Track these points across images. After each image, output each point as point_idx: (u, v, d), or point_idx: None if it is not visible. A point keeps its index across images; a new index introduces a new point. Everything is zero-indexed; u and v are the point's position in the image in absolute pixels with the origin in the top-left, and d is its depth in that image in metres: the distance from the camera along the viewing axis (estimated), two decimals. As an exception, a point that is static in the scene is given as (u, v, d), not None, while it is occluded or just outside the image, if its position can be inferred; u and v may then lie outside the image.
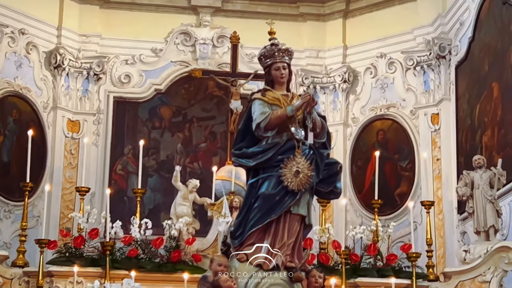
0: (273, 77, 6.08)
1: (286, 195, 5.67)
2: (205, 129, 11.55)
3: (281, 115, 5.79)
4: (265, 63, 6.18)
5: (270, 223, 5.65)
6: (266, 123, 5.78)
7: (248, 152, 5.81)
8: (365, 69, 11.50)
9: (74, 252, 8.75)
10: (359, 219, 11.01)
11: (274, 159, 5.72)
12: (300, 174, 5.63)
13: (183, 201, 9.36)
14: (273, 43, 6.24)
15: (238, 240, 5.75)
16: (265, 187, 5.70)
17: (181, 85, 11.58)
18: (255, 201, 5.72)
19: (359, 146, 11.39)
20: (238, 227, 5.79)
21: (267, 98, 5.97)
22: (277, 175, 5.67)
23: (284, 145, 5.79)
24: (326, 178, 5.89)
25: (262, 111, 5.79)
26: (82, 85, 11.26)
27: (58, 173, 10.90)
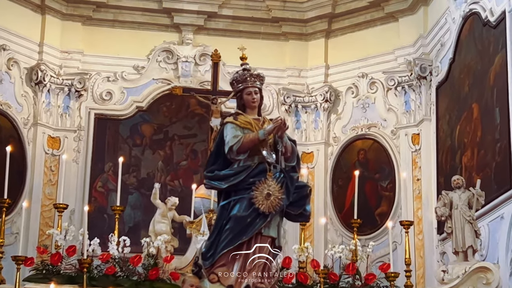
0: (245, 102, 6.24)
1: (257, 217, 5.80)
2: (186, 147, 11.54)
3: (253, 138, 5.94)
4: (237, 87, 6.34)
5: (241, 245, 5.80)
6: (238, 146, 5.92)
7: (220, 175, 5.94)
8: (346, 88, 11.54)
9: (51, 269, 8.68)
10: (340, 239, 11.01)
11: (246, 181, 5.87)
12: (271, 197, 5.78)
13: (162, 218, 9.33)
14: (245, 68, 6.40)
15: (209, 261, 5.85)
16: (237, 209, 5.84)
17: (163, 103, 11.57)
18: (226, 222, 5.85)
19: (340, 166, 11.41)
20: (209, 248, 5.89)
21: (239, 122, 6.12)
22: (248, 198, 5.81)
23: (256, 168, 5.94)
24: (295, 201, 6.03)
25: (234, 134, 5.94)
26: (63, 102, 11.23)
27: (38, 189, 10.85)
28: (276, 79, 11.76)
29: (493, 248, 8.55)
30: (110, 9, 11.58)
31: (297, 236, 10.95)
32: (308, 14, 11.78)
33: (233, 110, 6.73)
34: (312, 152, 11.56)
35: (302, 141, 11.61)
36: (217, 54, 9.89)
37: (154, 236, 9.09)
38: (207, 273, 5.91)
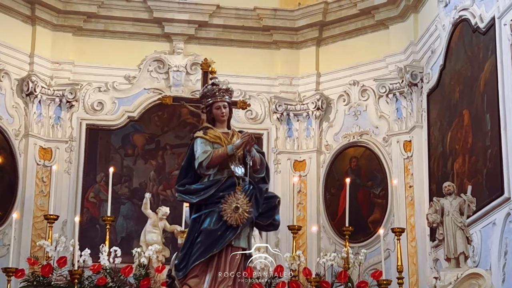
0: (214, 116, 6.40)
1: (227, 230, 6.00)
2: (179, 156, 11.50)
3: (222, 154, 6.13)
4: (206, 102, 6.50)
5: (212, 257, 5.98)
6: (208, 161, 6.11)
7: (191, 189, 6.18)
8: (338, 96, 11.54)
9: (41, 281, 8.67)
10: (333, 246, 10.98)
11: (216, 196, 6.07)
12: (239, 210, 5.97)
13: (153, 228, 9.33)
14: (214, 82, 6.53)
15: (182, 273, 6.01)
16: (207, 223, 6.04)
17: (154, 113, 11.56)
18: (197, 235, 6.05)
19: (332, 173, 11.40)
20: (182, 260, 6.05)
21: (208, 137, 6.29)
22: (218, 211, 6.01)
23: (225, 182, 6.13)
24: (265, 211, 6.19)
25: (204, 149, 6.12)
26: (54, 113, 11.21)
27: (30, 201, 10.81)
28: (267, 88, 11.77)
29: (486, 254, 8.54)
30: (101, 20, 11.57)
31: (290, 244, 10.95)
32: (299, 22, 11.78)
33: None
34: (304, 160, 11.55)
35: (294, 149, 11.62)
36: (206, 63, 9.85)
37: (145, 246, 9.09)
38: (180, 284, 6.05)
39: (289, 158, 11.59)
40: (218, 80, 6.62)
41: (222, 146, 6.22)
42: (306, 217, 11.21)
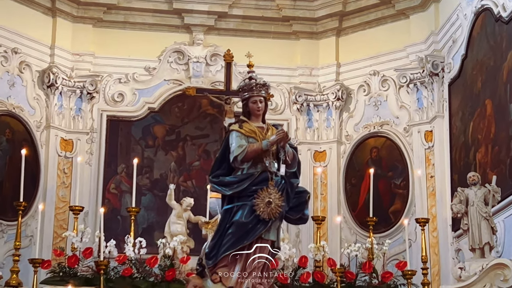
0: (250, 110, 6.48)
1: (258, 223, 6.09)
2: (199, 147, 11.54)
3: (256, 149, 6.22)
4: (243, 96, 6.55)
5: (242, 248, 6.10)
6: (243, 156, 6.20)
7: (225, 181, 6.24)
8: (358, 86, 11.52)
9: (68, 272, 8.70)
10: (354, 237, 11.00)
11: (249, 189, 6.15)
12: (271, 204, 6.07)
13: (178, 219, 9.34)
14: (251, 76, 6.61)
15: (212, 261, 6.15)
16: (239, 215, 6.12)
17: (175, 104, 11.57)
18: (229, 227, 6.14)
19: (352, 164, 11.39)
20: (212, 249, 6.18)
21: (244, 130, 6.37)
22: (250, 205, 6.10)
23: (259, 177, 6.20)
24: (295, 206, 6.30)
25: (239, 144, 6.22)
26: (75, 104, 11.24)
27: (51, 192, 10.85)
28: (287, 78, 11.76)
29: (509, 245, 8.53)
30: (121, 11, 11.59)
31: (311, 235, 10.99)
32: (319, 12, 11.76)
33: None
34: (324, 150, 11.56)
35: (314, 140, 11.62)
36: (229, 54, 9.90)
37: (170, 237, 9.11)
38: (210, 272, 6.17)
39: (309, 149, 11.59)
40: (255, 74, 6.61)
41: (256, 140, 6.28)
42: (326, 208, 11.21)
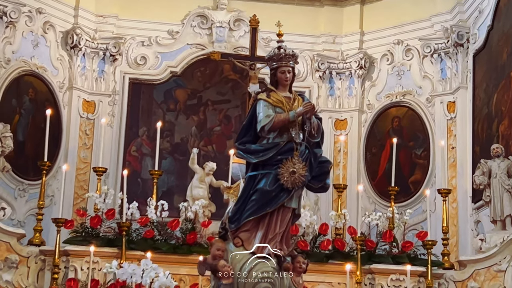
0: (278, 79, 6.55)
1: (281, 192, 6.24)
2: (220, 112, 11.54)
3: (283, 119, 6.33)
4: (272, 65, 6.63)
5: (264, 215, 6.23)
6: (270, 126, 6.32)
7: (251, 149, 6.36)
8: (381, 55, 11.47)
9: (90, 232, 8.78)
10: (372, 206, 11.01)
11: (274, 158, 6.28)
12: (295, 174, 6.20)
13: (200, 183, 9.38)
14: (281, 46, 6.64)
15: (235, 225, 6.28)
16: (263, 183, 6.27)
17: (197, 68, 11.55)
18: (253, 193, 6.28)
19: (373, 133, 11.38)
20: (236, 213, 6.30)
21: (271, 100, 6.45)
22: (275, 173, 6.24)
23: (284, 146, 6.33)
24: (317, 175, 6.41)
25: (267, 113, 6.34)
26: (98, 66, 11.24)
27: (73, 153, 10.90)
28: (310, 45, 11.71)
29: (531, 217, 8.54)
30: (145, -27, 11.55)
31: (330, 202, 11.02)
32: (343, -21, 11.71)
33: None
34: (345, 119, 11.54)
35: (336, 108, 11.60)
36: (255, 19, 9.86)
37: (192, 201, 9.15)
38: (232, 235, 6.28)
39: (331, 117, 11.57)
40: (284, 44, 6.64)
41: (283, 110, 6.37)
42: (346, 176, 11.21)
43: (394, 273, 8.87)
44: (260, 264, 6.12)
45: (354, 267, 8.68)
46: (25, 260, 8.73)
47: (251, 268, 6.07)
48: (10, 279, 8.59)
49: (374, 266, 8.94)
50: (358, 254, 8.73)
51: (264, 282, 6.05)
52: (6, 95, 10.16)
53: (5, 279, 8.55)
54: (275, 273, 6.12)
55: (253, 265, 6.10)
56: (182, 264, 8.68)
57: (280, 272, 6.15)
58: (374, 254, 9.03)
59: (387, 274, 8.89)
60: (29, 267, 8.74)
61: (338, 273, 8.83)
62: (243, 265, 6.10)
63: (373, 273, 8.95)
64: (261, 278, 6.04)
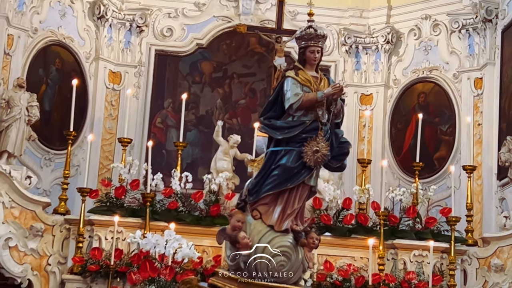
0: (306, 58, 6.63)
1: (303, 169, 6.34)
2: (245, 85, 11.53)
3: (312, 99, 6.41)
4: (301, 44, 6.69)
5: (284, 190, 6.34)
6: (298, 104, 6.40)
7: (277, 125, 6.44)
8: (409, 30, 11.38)
9: (114, 202, 8.84)
10: (396, 182, 10.98)
11: (299, 136, 6.37)
12: (318, 153, 6.32)
13: (224, 156, 9.40)
14: (311, 26, 6.69)
15: (253, 198, 6.37)
16: (286, 160, 6.35)
17: (223, 41, 11.54)
18: (274, 168, 6.35)
19: (399, 108, 11.33)
20: (255, 186, 6.39)
21: (299, 78, 6.53)
22: (298, 151, 6.34)
23: (310, 125, 6.41)
24: (337, 155, 6.50)
25: (295, 92, 6.42)
26: (124, 37, 11.25)
27: (99, 123, 10.96)
28: (337, 19, 11.64)
29: (556, 195, 8.49)
30: None
31: (354, 177, 11.01)
32: (372, -48, 11.60)
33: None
34: (371, 94, 11.49)
35: (362, 83, 11.55)
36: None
37: (216, 173, 9.18)
38: (250, 208, 6.37)
39: (356, 92, 11.53)
40: (315, 24, 6.71)
41: (311, 90, 6.45)
42: (371, 152, 11.18)
43: (417, 248, 8.88)
44: (278, 238, 6.23)
45: (376, 242, 8.69)
46: (50, 228, 8.82)
47: (269, 241, 6.19)
48: (35, 247, 8.69)
49: (397, 242, 8.94)
50: (381, 229, 8.74)
51: (281, 255, 6.16)
52: (33, 65, 10.21)
53: (30, 247, 8.64)
54: (292, 247, 6.24)
55: (271, 238, 6.21)
56: (205, 236, 8.73)
57: (297, 247, 6.27)
58: (397, 229, 9.03)
59: (410, 249, 8.90)
60: (54, 235, 8.84)
61: (361, 247, 8.86)
62: (261, 238, 6.21)
63: (396, 248, 8.95)
64: (278, 252, 6.16)
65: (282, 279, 6.14)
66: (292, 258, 6.22)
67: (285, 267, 6.17)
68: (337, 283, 8.61)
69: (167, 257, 8.00)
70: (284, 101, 6.41)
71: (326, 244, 8.89)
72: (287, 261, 6.19)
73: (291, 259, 6.22)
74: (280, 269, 6.15)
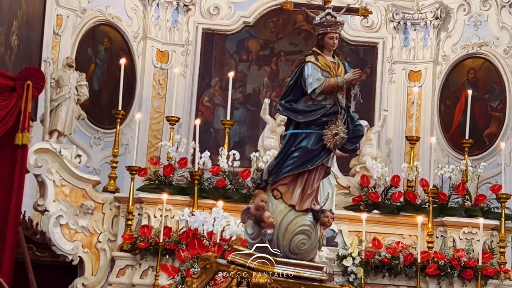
0: (325, 44, 6.77)
1: (322, 151, 6.54)
2: (292, 63, 11.46)
3: (333, 84, 6.59)
4: (321, 30, 6.85)
5: (304, 171, 6.52)
6: (321, 89, 6.57)
7: (298, 109, 6.60)
8: (458, 5, 11.22)
9: (163, 180, 8.91)
10: (446, 159, 10.87)
11: (320, 120, 6.55)
12: (337, 136, 6.53)
13: (271, 134, 9.41)
14: (329, 13, 6.89)
15: (272, 178, 6.55)
16: (306, 142, 6.53)
17: (270, 18, 11.50)
18: (295, 150, 6.53)
19: (448, 85, 11.19)
20: (275, 167, 6.58)
21: (320, 64, 6.66)
22: (319, 134, 6.52)
23: (330, 109, 6.60)
24: (352, 138, 6.71)
25: (317, 77, 6.57)
26: (171, 16, 11.28)
27: (147, 102, 11.04)
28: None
29: None
30: None
31: (402, 155, 10.94)
32: None
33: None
34: (420, 70, 11.36)
35: (410, 59, 11.43)
36: (329, -31, 9.71)
37: (263, 151, 9.19)
38: (271, 188, 6.54)
39: (404, 68, 11.42)
40: (333, 12, 6.88)
41: (330, 75, 6.62)
42: (419, 129, 11.07)
43: (467, 226, 8.81)
44: (299, 217, 6.40)
45: (425, 219, 8.65)
46: (100, 206, 8.93)
47: (291, 221, 6.36)
48: (86, 225, 8.82)
49: (446, 219, 8.88)
50: (430, 207, 8.69)
51: (302, 234, 6.35)
52: (82, 45, 10.32)
53: (81, 224, 8.77)
54: (312, 226, 6.42)
55: (293, 217, 6.38)
56: (253, 213, 8.73)
57: (316, 225, 6.47)
58: (446, 206, 8.97)
59: (460, 227, 8.84)
60: (104, 213, 8.96)
61: (409, 225, 8.82)
62: (284, 217, 6.38)
63: (445, 225, 8.89)
64: (300, 231, 6.35)
65: (302, 256, 6.36)
66: (312, 237, 6.41)
67: (306, 245, 6.37)
68: (385, 260, 8.59)
69: (215, 235, 8.04)
70: (305, 86, 6.55)
71: (374, 222, 8.89)
72: (307, 239, 6.38)
73: (311, 238, 6.41)
74: (301, 247, 6.36)
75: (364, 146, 9.46)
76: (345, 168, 9.61)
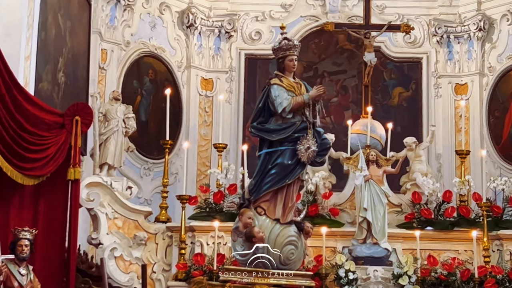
0: (286, 66, 7.33)
1: (297, 165, 7.05)
2: (337, 83, 11.49)
3: (300, 102, 7.11)
4: (280, 53, 7.37)
5: (283, 187, 7.04)
6: (290, 107, 7.06)
7: (270, 128, 7.12)
8: (501, 15, 11.12)
9: (213, 207, 8.93)
10: (498, 171, 10.74)
11: (292, 136, 7.07)
12: (309, 150, 7.02)
13: (318, 156, 9.35)
14: (286, 37, 7.40)
15: (254, 196, 7.07)
16: (282, 159, 7.05)
17: (311, 40, 11.53)
18: (272, 167, 7.06)
19: (496, 96, 11.08)
20: (254, 186, 7.11)
21: (285, 85, 7.17)
22: (292, 149, 7.03)
23: (300, 125, 7.11)
24: (320, 151, 7.18)
25: (285, 96, 7.09)
26: (214, 44, 11.39)
27: (194, 130, 11.12)
28: (426, 10, 11.47)
29: None
30: (255, -51, 11.56)
31: (453, 169, 10.84)
32: None
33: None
34: (466, 83, 11.27)
35: (455, 73, 11.35)
36: (369, -12, 9.74)
37: (312, 173, 9.15)
38: (253, 206, 7.04)
39: (450, 82, 11.34)
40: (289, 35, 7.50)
41: (295, 94, 7.11)
42: (469, 142, 10.96)
43: (523, 238, 8.67)
44: (285, 230, 6.96)
45: (480, 233, 8.53)
46: (153, 237, 8.98)
47: (278, 233, 6.93)
48: (140, 256, 8.86)
49: (502, 232, 8.75)
50: (485, 221, 8.56)
51: (290, 244, 6.93)
52: (128, 77, 10.46)
53: (135, 255, 8.81)
54: (297, 237, 7.00)
55: (279, 230, 6.94)
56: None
57: (300, 236, 7.03)
58: (501, 220, 8.83)
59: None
60: (157, 243, 9.00)
61: (464, 240, 8.71)
62: (271, 231, 6.92)
63: (501, 239, 8.76)
64: (288, 242, 6.92)
65: (292, 265, 6.94)
66: (298, 246, 6.99)
67: (294, 255, 6.95)
68: (442, 277, 8.48)
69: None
70: (273, 107, 7.02)
71: (429, 239, 8.80)
72: (295, 249, 6.96)
73: (298, 247, 6.98)
74: (291, 257, 6.93)
75: (413, 163, 9.38)
76: (396, 186, 9.54)
